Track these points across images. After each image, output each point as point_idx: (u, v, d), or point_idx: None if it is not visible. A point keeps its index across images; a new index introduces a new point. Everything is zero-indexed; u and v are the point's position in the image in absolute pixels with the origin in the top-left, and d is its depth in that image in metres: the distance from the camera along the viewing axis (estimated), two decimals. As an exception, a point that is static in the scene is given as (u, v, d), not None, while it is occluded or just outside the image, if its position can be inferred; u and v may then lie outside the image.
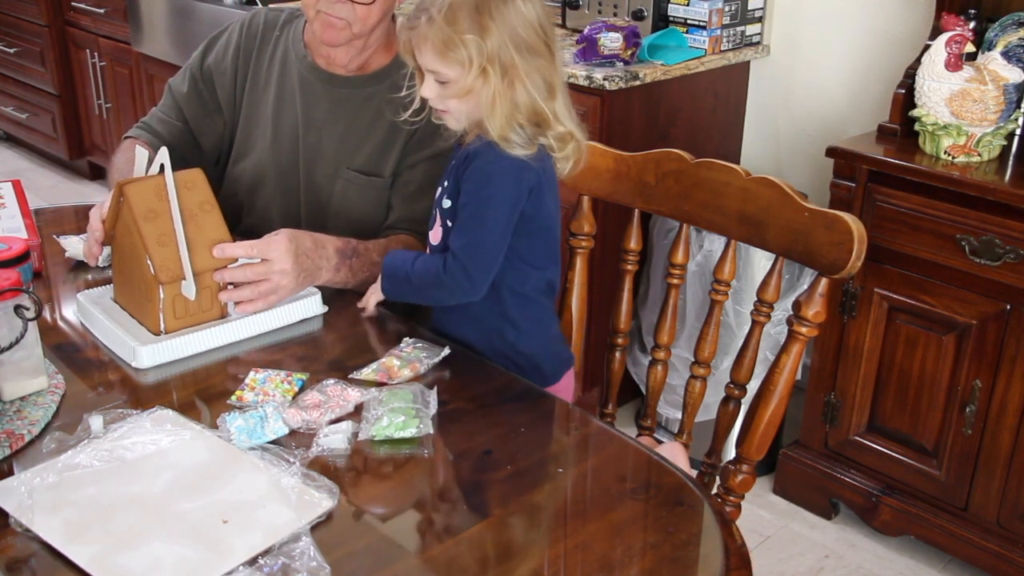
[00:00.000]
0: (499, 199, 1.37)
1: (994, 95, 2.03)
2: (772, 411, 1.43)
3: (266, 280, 1.47)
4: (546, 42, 1.35)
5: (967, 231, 2.00)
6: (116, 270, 1.51)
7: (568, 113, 1.40)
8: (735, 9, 2.61)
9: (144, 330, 1.43)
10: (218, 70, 1.86)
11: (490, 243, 1.38)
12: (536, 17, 1.34)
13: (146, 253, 1.39)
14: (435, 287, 1.41)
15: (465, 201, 1.38)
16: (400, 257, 1.48)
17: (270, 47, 1.84)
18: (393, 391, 1.29)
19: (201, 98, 1.87)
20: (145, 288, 1.42)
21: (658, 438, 1.68)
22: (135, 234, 1.39)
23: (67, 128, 4.46)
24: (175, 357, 1.41)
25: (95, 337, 1.47)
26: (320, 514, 1.07)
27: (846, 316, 2.24)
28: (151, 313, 1.42)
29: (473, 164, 1.37)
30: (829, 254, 1.37)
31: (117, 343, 1.43)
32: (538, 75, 1.35)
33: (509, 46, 1.31)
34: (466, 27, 1.30)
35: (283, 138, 1.80)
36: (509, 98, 1.33)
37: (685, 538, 1.09)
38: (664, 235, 2.51)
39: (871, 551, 2.35)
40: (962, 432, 2.12)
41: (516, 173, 1.36)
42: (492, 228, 1.37)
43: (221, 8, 3.43)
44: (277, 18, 1.87)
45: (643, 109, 2.52)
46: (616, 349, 1.70)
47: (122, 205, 1.42)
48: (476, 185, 1.37)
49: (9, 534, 1.05)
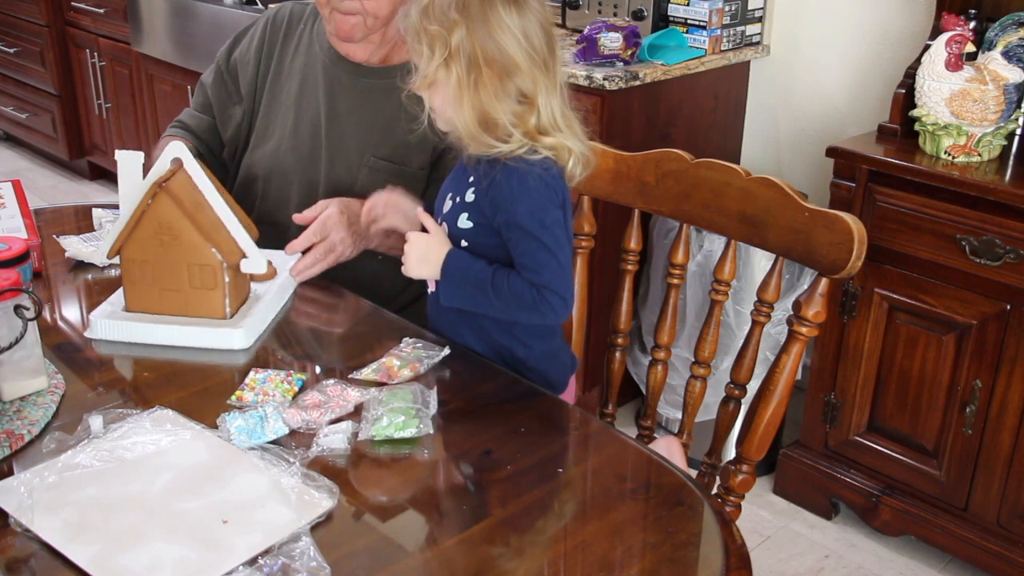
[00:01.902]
0: (553, 218, 1.35)
1: (994, 95, 2.03)
2: (772, 411, 1.43)
3: (325, 243, 1.60)
4: (528, 52, 1.33)
5: (967, 231, 2.00)
6: (139, 275, 1.46)
7: (564, 128, 1.37)
8: (735, 9, 2.61)
9: (207, 320, 1.46)
10: (242, 61, 1.88)
11: (566, 263, 1.37)
12: (519, 25, 1.32)
13: (208, 242, 1.42)
14: (527, 311, 1.37)
15: (520, 236, 1.34)
16: (468, 261, 1.39)
17: (295, 39, 1.86)
18: (393, 391, 1.29)
19: (226, 89, 1.90)
20: (202, 278, 1.44)
21: (657, 437, 1.68)
22: (189, 228, 1.42)
23: (67, 128, 4.46)
24: (261, 330, 1.48)
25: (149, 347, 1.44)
26: (320, 514, 1.07)
27: (846, 316, 2.24)
28: (212, 301, 1.46)
29: (507, 186, 1.34)
30: (829, 254, 1.37)
31: (198, 337, 1.44)
32: (509, 80, 1.33)
33: (477, 46, 1.31)
34: (436, 19, 1.31)
35: (304, 128, 1.81)
36: (475, 96, 1.32)
37: (685, 538, 1.09)
38: (664, 235, 2.51)
39: (871, 551, 2.35)
40: (962, 432, 2.12)
41: (553, 183, 1.35)
42: (563, 248, 1.36)
43: (221, 8, 3.43)
44: (303, 11, 1.89)
45: (643, 109, 2.52)
46: (616, 349, 1.70)
47: (158, 204, 1.42)
48: (528, 212, 1.34)
49: (9, 534, 1.05)
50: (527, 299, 1.35)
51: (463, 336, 1.46)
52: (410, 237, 1.42)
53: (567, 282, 1.37)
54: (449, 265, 1.40)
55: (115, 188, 4.61)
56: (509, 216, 1.34)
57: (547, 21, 1.36)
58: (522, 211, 1.34)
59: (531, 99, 1.34)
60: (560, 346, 1.53)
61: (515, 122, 1.34)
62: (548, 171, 1.35)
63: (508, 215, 1.35)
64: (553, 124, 1.36)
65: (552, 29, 1.38)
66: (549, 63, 1.36)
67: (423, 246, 1.42)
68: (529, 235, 1.34)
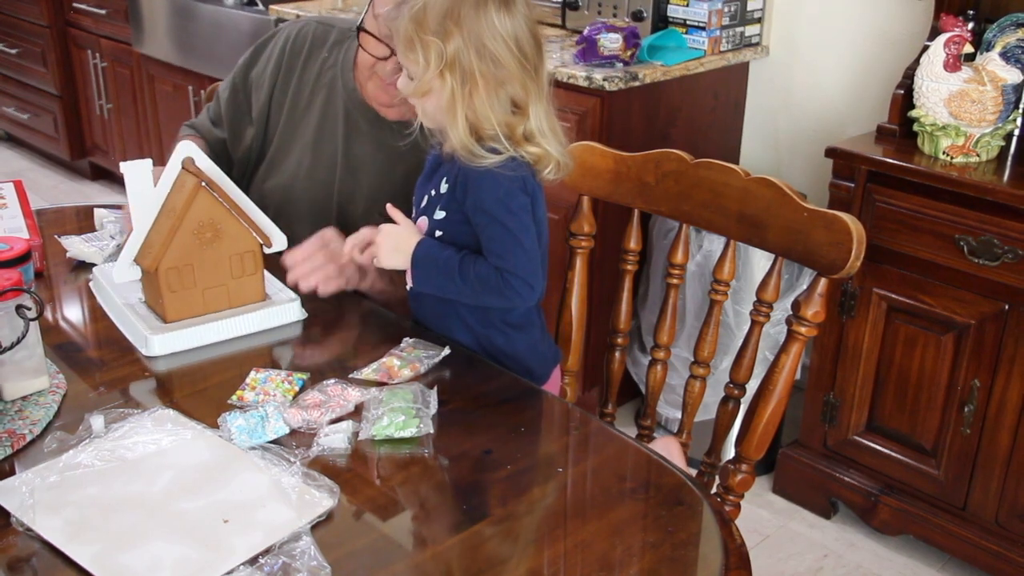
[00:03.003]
0: (519, 203, 1.36)
1: (992, 96, 2.03)
2: (771, 411, 1.44)
3: (331, 263, 1.57)
4: (520, 59, 1.33)
5: (966, 231, 2.01)
6: (178, 283, 1.44)
7: (548, 134, 1.37)
8: (734, 10, 2.61)
9: (255, 305, 1.49)
10: (257, 82, 1.83)
11: (530, 247, 1.38)
12: (512, 32, 1.32)
13: (252, 227, 1.46)
14: (493, 296, 1.39)
15: (487, 221, 1.36)
16: (437, 250, 1.41)
17: (316, 67, 1.80)
18: (393, 391, 1.29)
19: (239, 108, 1.85)
20: (243, 266, 1.48)
21: (656, 437, 1.68)
22: (230, 218, 1.45)
23: (68, 128, 4.46)
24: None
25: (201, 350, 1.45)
26: (320, 514, 1.08)
27: (845, 316, 2.24)
28: (252, 287, 1.50)
29: (475, 170, 1.36)
30: (828, 254, 1.37)
31: (260, 321, 1.48)
32: (502, 89, 1.33)
33: (471, 54, 1.31)
34: (431, 28, 1.30)
35: (321, 167, 1.77)
36: (469, 106, 1.32)
37: (684, 537, 1.09)
38: (664, 235, 2.51)
39: (870, 550, 2.36)
40: (961, 432, 2.12)
41: (520, 170, 1.37)
42: (528, 232, 1.37)
43: (221, 8, 3.43)
44: (327, 36, 1.82)
45: (643, 109, 2.52)
46: (616, 349, 1.70)
47: (198, 203, 1.42)
48: (494, 198, 1.35)
49: (10, 533, 1.05)
50: (492, 284, 1.37)
51: (445, 326, 1.48)
52: (382, 229, 1.45)
53: (532, 267, 1.38)
54: (419, 254, 1.42)
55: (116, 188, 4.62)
56: (477, 200, 1.36)
57: (533, 22, 1.37)
58: (488, 196, 1.36)
59: (522, 108, 1.36)
60: (540, 338, 1.54)
61: (506, 132, 1.35)
62: (515, 160, 1.36)
63: (476, 199, 1.37)
64: (540, 130, 1.37)
65: (538, 30, 1.38)
66: (539, 68, 1.36)
67: (395, 237, 1.44)
68: (495, 220, 1.36)
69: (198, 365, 1.41)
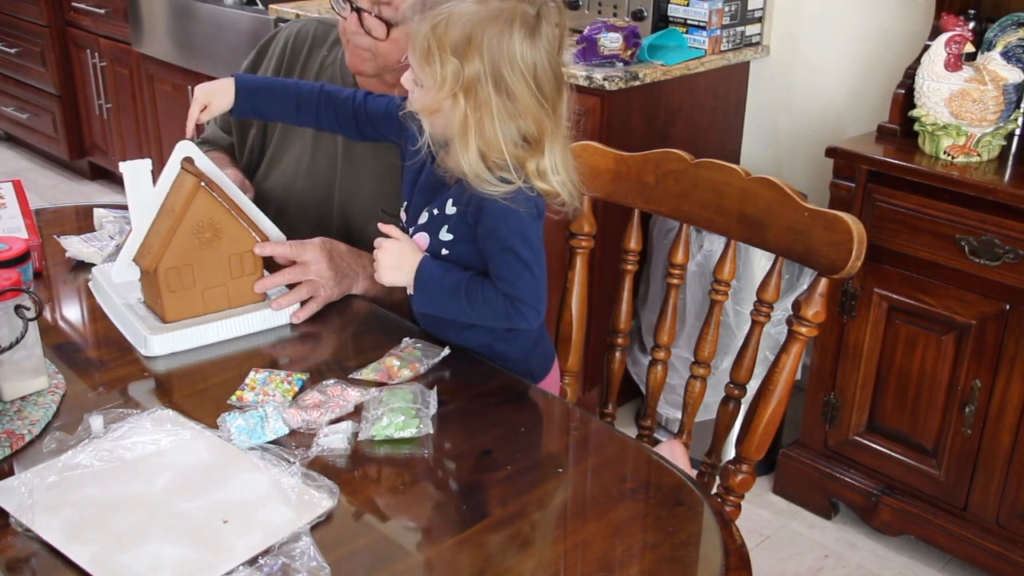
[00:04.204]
0: (535, 232, 1.35)
1: (993, 95, 2.03)
2: (772, 411, 1.43)
3: (307, 283, 1.52)
4: (537, 96, 1.30)
5: (966, 231, 2.01)
6: (178, 283, 1.44)
7: (561, 172, 1.34)
8: (735, 9, 2.61)
9: (255, 305, 1.49)
10: None
11: (540, 275, 1.37)
12: (531, 64, 1.28)
13: (251, 227, 1.47)
14: (500, 320, 1.38)
15: (498, 249, 1.35)
16: (442, 271, 1.39)
17: (316, 65, 1.81)
18: (393, 391, 1.29)
19: None
20: (242, 266, 1.48)
21: (657, 437, 1.68)
22: (230, 218, 1.45)
23: (67, 128, 4.46)
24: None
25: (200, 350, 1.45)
26: (320, 514, 1.07)
27: (846, 316, 2.24)
28: (250, 286, 1.50)
29: (489, 208, 1.33)
30: (829, 254, 1.37)
31: (261, 321, 1.48)
32: (514, 123, 1.30)
33: (488, 83, 1.27)
34: (451, 47, 1.27)
35: (320, 167, 1.77)
36: (479, 133, 1.29)
37: (685, 538, 1.09)
38: (664, 235, 2.51)
39: (871, 551, 2.36)
40: (961, 432, 2.12)
41: (531, 201, 1.34)
42: (539, 261, 1.36)
43: (221, 8, 3.43)
44: (327, 35, 1.83)
45: (643, 109, 2.52)
46: (616, 349, 1.70)
47: (198, 203, 1.42)
48: (508, 228, 1.33)
49: (10, 534, 1.05)
50: (500, 309, 1.37)
51: (445, 330, 1.46)
52: (381, 244, 1.40)
53: (539, 293, 1.38)
54: (423, 274, 1.39)
55: (115, 188, 4.61)
56: (491, 229, 1.34)
57: (556, 59, 1.32)
58: (503, 226, 1.33)
59: (536, 144, 1.32)
60: (541, 336, 1.54)
61: (515, 164, 1.32)
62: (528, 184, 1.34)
63: (490, 228, 1.34)
64: (554, 168, 1.34)
65: (560, 67, 1.34)
66: (556, 105, 1.33)
67: (396, 254, 1.40)
68: (509, 249, 1.34)
69: (197, 365, 1.41)
